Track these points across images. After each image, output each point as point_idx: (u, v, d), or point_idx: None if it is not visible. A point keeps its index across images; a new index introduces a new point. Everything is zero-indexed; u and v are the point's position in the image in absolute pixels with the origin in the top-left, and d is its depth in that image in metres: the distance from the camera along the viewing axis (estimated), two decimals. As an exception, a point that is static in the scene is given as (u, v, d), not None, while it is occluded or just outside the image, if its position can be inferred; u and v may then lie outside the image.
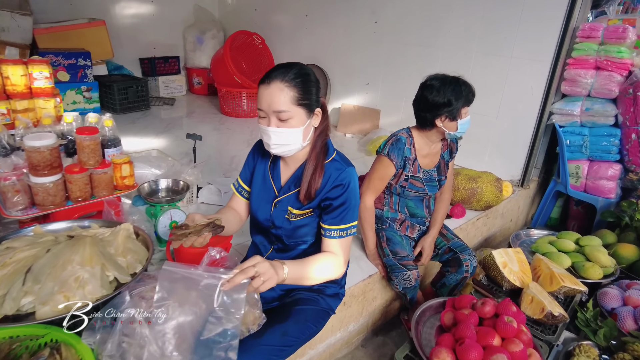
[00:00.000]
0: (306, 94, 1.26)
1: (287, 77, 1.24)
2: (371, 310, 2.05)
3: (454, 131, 1.87)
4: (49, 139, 1.52)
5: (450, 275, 1.95)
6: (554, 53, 2.81)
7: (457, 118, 1.84)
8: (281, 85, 1.23)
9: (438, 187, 2.03)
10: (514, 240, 2.53)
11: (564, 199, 3.29)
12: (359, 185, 1.50)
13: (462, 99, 1.81)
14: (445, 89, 1.79)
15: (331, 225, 1.37)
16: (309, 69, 1.32)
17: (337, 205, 1.35)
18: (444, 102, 1.80)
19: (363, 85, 4.03)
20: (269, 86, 1.24)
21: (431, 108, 1.83)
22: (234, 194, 1.55)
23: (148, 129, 3.81)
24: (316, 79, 1.34)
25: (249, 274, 1.11)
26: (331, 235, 1.37)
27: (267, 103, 1.25)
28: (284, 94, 1.23)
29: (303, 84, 1.26)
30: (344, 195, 1.35)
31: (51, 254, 1.29)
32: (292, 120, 1.26)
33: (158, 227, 1.93)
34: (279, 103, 1.24)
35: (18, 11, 3.80)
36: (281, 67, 1.27)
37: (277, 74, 1.24)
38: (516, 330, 1.54)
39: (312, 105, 1.30)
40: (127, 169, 1.76)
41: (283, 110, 1.24)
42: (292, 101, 1.24)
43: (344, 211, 1.35)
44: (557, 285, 1.91)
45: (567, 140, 2.89)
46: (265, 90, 1.25)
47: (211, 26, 5.15)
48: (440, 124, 1.86)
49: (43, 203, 1.60)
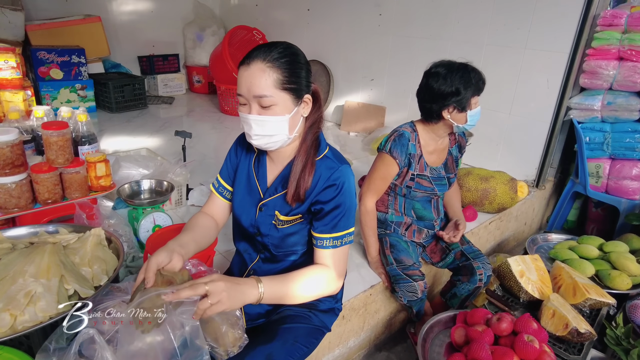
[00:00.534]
0: (292, 77, 1.09)
1: (269, 56, 1.06)
2: (373, 324, 1.86)
3: (463, 123, 1.68)
4: (9, 134, 1.36)
5: (462, 285, 1.75)
6: (571, 43, 2.60)
7: (467, 109, 1.65)
8: (262, 66, 1.06)
9: (448, 185, 1.83)
10: (530, 246, 2.33)
11: (582, 201, 3.08)
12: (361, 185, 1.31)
13: (472, 88, 1.62)
14: (452, 77, 1.60)
15: (323, 233, 1.18)
16: (297, 48, 1.14)
17: (329, 210, 1.17)
18: (452, 91, 1.61)
19: (367, 81, 3.84)
20: (249, 67, 1.07)
21: (437, 98, 1.64)
22: (212, 194, 1.36)
23: (142, 128, 3.67)
24: (306, 60, 1.15)
25: (198, 291, 0.95)
26: (323, 245, 1.19)
27: (247, 87, 1.08)
28: (266, 76, 1.06)
29: (289, 65, 1.08)
30: (337, 198, 1.17)
31: (0, 265, 1.13)
32: (276, 107, 1.08)
33: (139, 232, 1.76)
34: (260, 87, 1.06)
35: (9, 6, 3.68)
36: (264, 46, 1.10)
37: (258, 53, 1.07)
38: (538, 351, 1.34)
39: (300, 90, 1.12)
40: (102, 168, 1.60)
41: (265, 95, 1.06)
42: (276, 84, 1.07)
43: (337, 216, 1.17)
44: (582, 297, 1.71)
45: (586, 137, 2.67)
46: (245, 72, 1.08)
47: (211, 23, 5.00)
48: (447, 116, 1.67)
49: (5, 206, 1.44)
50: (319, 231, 1.19)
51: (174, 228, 1.56)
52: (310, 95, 1.16)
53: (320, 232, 1.19)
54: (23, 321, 1.04)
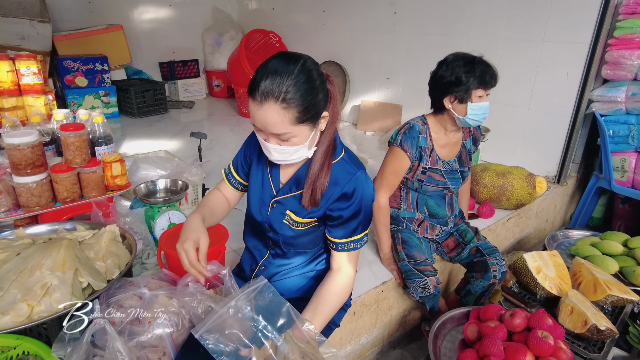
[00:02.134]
0: (309, 109, 1.03)
1: (281, 94, 0.98)
2: (387, 321, 1.84)
3: (463, 116, 1.64)
4: (29, 136, 1.43)
5: (476, 281, 1.72)
6: (592, 34, 2.52)
7: (467, 100, 1.61)
8: (276, 107, 0.99)
9: (461, 179, 1.80)
10: (549, 242, 2.26)
11: (607, 197, 2.97)
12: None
13: (474, 78, 1.56)
14: (455, 65, 1.57)
15: (343, 238, 1.21)
16: (309, 68, 1.03)
17: (348, 218, 1.18)
18: (452, 80, 1.58)
19: (383, 80, 3.82)
20: (262, 106, 1.00)
21: (438, 85, 1.62)
22: (223, 179, 1.38)
23: (163, 132, 3.76)
24: (319, 74, 1.06)
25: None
26: (343, 249, 1.22)
27: (262, 124, 1.03)
28: (282, 117, 1.00)
29: (304, 97, 1.00)
30: (355, 206, 1.17)
31: (19, 258, 1.18)
32: (295, 139, 1.06)
33: (155, 230, 1.81)
34: (277, 127, 1.02)
35: (37, 19, 3.85)
36: (272, 76, 0.99)
37: (267, 91, 0.98)
38: (553, 347, 1.30)
39: (317, 115, 1.07)
40: (118, 168, 1.65)
41: (283, 132, 1.03)
42: (292, 122, 1.02)
43: (356, 223, 1.19)
44: (603, 293, 1.65)
45: (610, 131, 2.58)
46: (258, 110, 1.01)
47: (229, 28, 5.09)
48: (448, 106, 1.64)
49: (28, 204, 1.50)
50: (339, 236, 1.21)
51: (186, 225, 1.59)
52: (326, 111, 1.11)
53: (340, 238, 1.21)
54: (39, 311, 1.09)
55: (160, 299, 1.23)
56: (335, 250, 1.23)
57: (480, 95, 1.61)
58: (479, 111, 1.62)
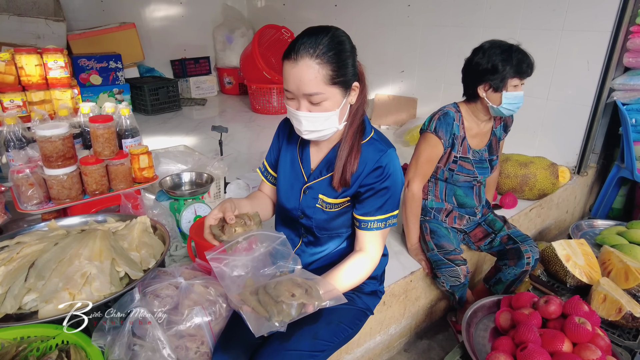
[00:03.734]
0: (342, 69, 1.05)
1: (317, 51, 1.01)
2: (414, 311, 1.84)
3: (497, 105, 1.62)
4: (60, 128, 1.43)
5: (508, 269, 1.69)
6: (614, 21, 2.49)
7: (502, 89, 1.58)
8: (311, 63, 1.01)
9: (490, 169, 1.78)
10: (574, 232, 2.24)
11: (628, 187, 2.93)
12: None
13: (511, 67, 1.55)
14: (492, 52, 1.56)
15: (368, 215, 1.18)
16: (343, 33, 1.09)
17: (377, 191, 1.16)
18: (488, 67, 1.56)
19: (397, 73, 3.81)
20: (297, 63, 1.02)
21: (474, 73, 1.60)
22: (262, 180, 1.41)
23: (178, 129, 3.77)
24: (352, 45, 1.10)
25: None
26: (368, 227, 1.19)
27: (296, 84, 1.04)
28: (316, 73, 1.02)
29: (338, 57, 1.03)
30: (384, 181, 1.16)
31: (57, 248, 1.19)
32: (326, 103, 1.06)
33: (181, 222, 1.81)
34: (310, 85, 1.03)
35: (52, 18, 3.88)
36: (308, 35, 1.04)
37: (305, 47, 1.02)
38: (591, 333, 1.29)
39: (349, 81, 1.08)
40: (145, 160, 1.66)
41: (315, 92, 1.04)
42: (326, 81, 1.03)
43: (384, 198, 1.17)
44: (636, 281, 1.63)
45: (632, 119, 2.55)
46: (292, 68, 1.03)
47: (240, 24, 5.09)
48: (483, 94, 1.62)
49: (58, 197, 1.51)
50: (364, 213, 1.18)
51: (214, 216, 1.59)
52: (357, 82, 1.13)
53: (365, 215, 1.18)
54: (80, 300, 1.09)
55: (197, 288, 1.23)
56: (359, 228, 1.21)
57: (516, 85, 1.59)
58: (514, 100, 1.60)
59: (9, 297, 1.07)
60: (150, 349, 1.11)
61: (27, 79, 1.68)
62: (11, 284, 1.09)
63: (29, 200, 1.48)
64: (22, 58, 1.65)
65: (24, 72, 1.66)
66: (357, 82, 1.13)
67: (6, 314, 1.06)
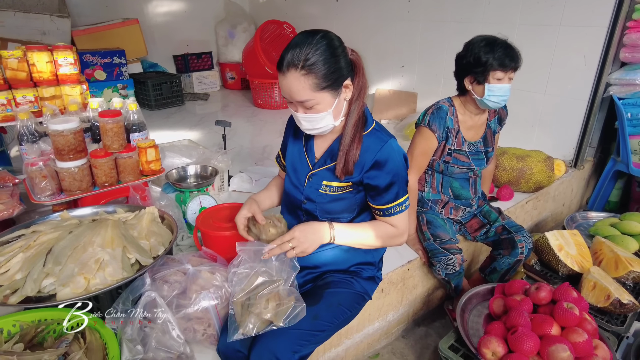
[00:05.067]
0: (328, 75, 1.11)
1: (301, 62, 1.08)
2: (412, 299, 1.90)
3: (480, 96, 1.66)
4: (71, 123, 1.50)
5: (502, 258, 1.76)
6: (610, 16, 2.52)
7: (485, 82, 1.62)
8: (297, 74, 1.10)
9: (485, 160, 1.84)
10: (568, 223, 2.30)
11: (624, 180, 2.98)
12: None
13: (493, 60, 1.57)
14: (476, 46, 1.60)
15: (389, 203, 1.28)
16: (326, 37, 1.13)
17: (388, 184, 1.25)
18: (471, 60, 1.61)
19: (398, 68, 3.85)
20: (285, 76, 1.12)
21: (460, 66, 1.66)
22: (278, 166, 1.52)
23: (181, 123, 3.83)
24: (340, 44, 1.15)
25: (285, 248, 1.22)
26: (391, 213, 1.29)
27: (288, 93, 1.15)
28: (303, 84, 1.10)
29: (323, 63, 1.09)
30: (390, 171, 1.24)
31: (72, 236, 1.25)
32: (319, 106, 1.15)
33: (187, 214, 1.88)
34: (300, 94, 1.12)
35: (57, 14, 3.93)
36: (293, 48, 1.10)
37: (290, 60, 1.10)
38: (578, 318, 1.36)
39: (337, 82, 1.14)
40: (152, 153, 1.72)
41: (305, 99, 1.13)
42: (313, 88, 1.11)
43: (396, 187, 1.26)
44: (625, 269, 1.69)
45: (628, 114, 2.59)
46: (283, 80, 1.13)
47: (242, 20, 5.13)
48: (468, 87, 1.67)
49: (70, 188, 1.58)
50: (385, 202, 1.27)
51: (220, 207, 1.66)
52: (350, 79, 1.18)
53: (386, 204, 1.27)
54: (95, 284, 1.16)
55: (203, 274, 1.30)
56: (383, 216, 1.30)
57: (500, 78, 1.61)
58: (498, 92, 1.63)
59: (29, 281, 1.13)
60: (160, 330, 1.18)
61: (38, 76, 1.74)
62: (30, 269, 1.16)
63: (42, 192, 1.55)
64: (34, 55, 1.71)
65: (35, 68, 1.72)
66: (350, 79, 1.18)
67: (27, 296, 1.12)
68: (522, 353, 1.29)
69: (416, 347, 1.88)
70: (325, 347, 1.57)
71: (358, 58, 1.20)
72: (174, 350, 1.17)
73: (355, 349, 1.74)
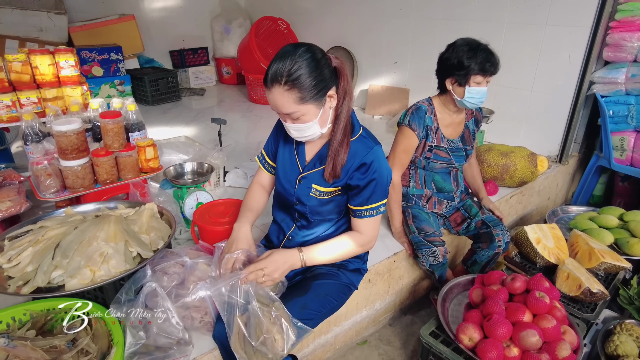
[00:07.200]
0: (310, 89, 1.17)
1: (283, 78, 1.15)
2: (398, 289, 2.01)
3: (460, 98, 1.77)
4: (74, 124, 1.58)
5: (482, 251, 1.87)
6: (594, 17, 2.61)
7: (466, 84, 1.73)
8: (280, 90, 1.17)
9: (465, 157, 1.94)
10: (550, 217, 2.41)
11: (607, 175, 3.09)
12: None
13: (475, 64, 1.68)
14: (460, 49, 1.69)
15: (361, 205, 1.35)
16: (309, 50, 1.18)
17: (365, 185, 1.32)
18: (454, 62, 1.70)
19: (391, 64, 3.93)
20: (270, 91, 1.19)
21: (443, 67, 1.76)
22: (259, 167, 1.55)
23: (178, 119, 3.90)
24: (322, 55, 1.21)
25: (258, 275, 1.26)
26: (361, 215, 1.37)
27: (274, 106, 1.23)
28: (287, 98, 1.17)
29: (305, 77, 1.16)
30: (371, 175, 1.31)
31: (78, 231, 1.34)
32: (305, 117, 1.22)
33: (184, 209, 1.97)
34: (285, 107, 1.20)
35: (54, 11, 3.97)
36: (276, 64, 1.16)
37: (272, 76, 1.17)
38: (548, 306, 1.46)
39: (320, 93, 1.21)
40: (151, 152, 1.80)
41: (291, 112, 1.21)
42: (297, 101, 1.18)
43: (372, 191, 1.33)
44: (597, 261, 1.80)
45: (610, 111, 2.69)
46: (269, 95, 1.21)
47: (237, 15, 5.17)
48: (450, 87, 1.77)
49: (73, 186, 1.66)
50: (358, 204, 1.35)
51: (216, 203, 1.75)
52: (334, 89, 1.24)
53: (358, 205, 1.35)
54: (100, 276, 1.25)
55: (200, 266, 1.39)
56: (354, 217, 1.39)
57: (479, 82, 1.72)
58: (476, 95, 1.74)
59: (40, 272, 1.23)
60: (160, 317, 1.28)
61: (41, 78, 1.82)
62: (40, 262, 1.25)
63: (47, 189, 1.63)
64: (37, 58, 1.78)
65: (38, 71, 1.80)
66: (335, 87, 1.24)
67: (38, 287, 1.22)
68: (496, 338, 1.39)
69: (402, 335, 1.99)
70: (315, 334, 1.67)
71: (342, 64, 1.26)
72: (173, 336, 1.27)
73: (344, 336, 1.84)
